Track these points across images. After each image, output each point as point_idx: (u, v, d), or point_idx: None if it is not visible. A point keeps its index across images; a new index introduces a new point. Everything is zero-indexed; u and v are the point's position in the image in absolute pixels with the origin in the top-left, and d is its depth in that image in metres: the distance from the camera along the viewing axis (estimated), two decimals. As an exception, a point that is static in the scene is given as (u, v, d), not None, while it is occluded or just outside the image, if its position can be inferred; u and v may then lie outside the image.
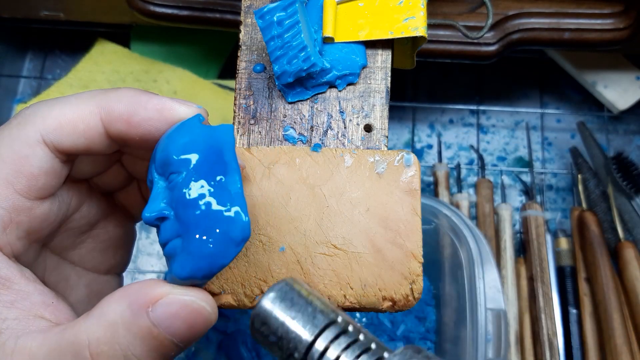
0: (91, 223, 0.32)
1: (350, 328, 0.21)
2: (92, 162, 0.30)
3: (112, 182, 0.32)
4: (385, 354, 0.21)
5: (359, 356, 0.20)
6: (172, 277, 0.25)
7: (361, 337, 0.21)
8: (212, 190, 0.25)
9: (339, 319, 0.22)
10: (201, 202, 0.24)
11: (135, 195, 0.34)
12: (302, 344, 0.21)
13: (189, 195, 0.25)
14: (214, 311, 0.26)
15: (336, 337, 0.21)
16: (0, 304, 0.25)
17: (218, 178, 0.25)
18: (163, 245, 0.26)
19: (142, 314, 0.24)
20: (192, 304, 0.25)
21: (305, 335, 0.21)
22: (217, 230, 0.24)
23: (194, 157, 0.25)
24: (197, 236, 0.24)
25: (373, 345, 0.21)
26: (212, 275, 0.25)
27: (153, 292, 0.25)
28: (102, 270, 0.33)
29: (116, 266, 0.34)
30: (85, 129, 0.27)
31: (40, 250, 0.30)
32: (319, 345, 0.21)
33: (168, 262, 0.26)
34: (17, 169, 0.26)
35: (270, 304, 0.22)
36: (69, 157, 0.28)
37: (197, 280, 0.25)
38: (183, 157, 0.25)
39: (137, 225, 0.62)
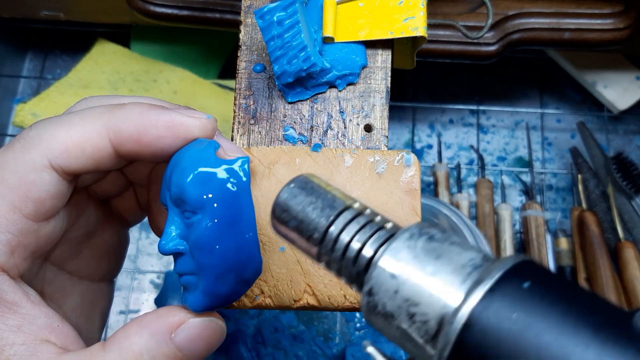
0: (89, 232, 0.32)
1: (368, 211, 0.22)
2: (101, 188, 0.30)
3: (110, 188, 0.32)
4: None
5: (372, 234, 0.21)
6: (183, 303, 0.27)
7: (377, 218, 0.22)
8: (226, 234, 0.25)
9: (356, 205, 0.22)
10: (217, 247, 0.25)
11: (131, 201, 0.34)
12: (320, 225, 0.22)
13: (204, 240, 0.25)
14: (225, 327, 0.27)
15: (353, 218, 0.22)
16: (7, 329, 0.25)
17: (233, 221, 0.25)
18: (178, 274, 0.27)
19: (166, 341, 0.25)
20: (211, 324, 0.26)
21: (324, 216, 0.22)
22: (231, 273, 0.25)
23: (209, 199, 0.25)
24: (212, 279, 0.25)
25: (388, 225, 0.22)
26: (224, 307, 0.27)
27: (173, 319, 0.26)
28: (96, 278, 0.33)
29: (109, 273, 0.34)
30: (93, 152, 0.26)
31: (42, 264, 0.30)
32: (337, 225, 0.22)
33: (183, 289, 0.27)
34: (24, 194, 0.26)
35: (290, 191, 0.23)
36: (75, 176, 0.28)
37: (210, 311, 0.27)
38: (199, 198, 0.25)
39: (137, 225, 0.62)
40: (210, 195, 0.25)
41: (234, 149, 0.28)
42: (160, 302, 0.61)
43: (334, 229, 0.22)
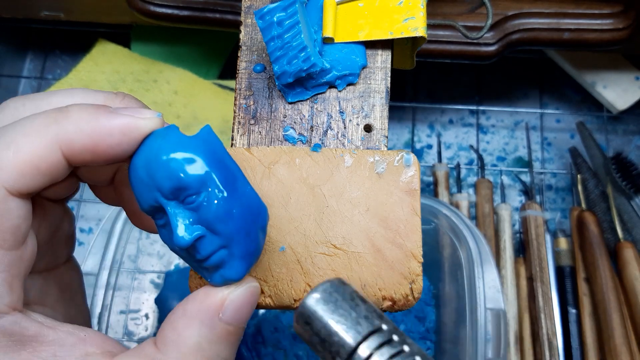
0: (53, 231, 0.31)
1: (395, 337, 0.22)
2: (57, 193, 0.29)
3: (65, 192, 0.31)
4: None
5: None
6: (216, 283, 0.27)
7: (405, 348, 0.22)
8: (234, 195, 0.26)
9: (384, 327, 0.22)
10: (235, 211, 0.25)
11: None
12: (344, 349, 0.21)
13: (222, 209, 0.25)
14: (258, 283, 0.28)
15: (380, 346, 0.21)
16: None
17: (232, 182, 0.26)
18: (205, 258, 0.27)
19: (216, 323, 0.26)
20: (249, 290, 0.27)
21: (349, 340, 0.21)
22: (254, 227, 0.26)
23: (207, 173, 0.25)
24: (242, 241, 0.26)
25: (417, 359, 0.21)
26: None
27: (216, 299, 0.26)
28: (62, 263, 0.32)
29: (69, 252, 0.33)
30: (48, 168, 0.25)
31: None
32: (362, 352, 0.21)
33: (208, 271, 0.27)
34: None
35: (314, 305, 0.22)
36: (34, 192, 0.27)
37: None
38: (197, 177, 0.25)
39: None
40: (206, 170, 0.25)
41: None
42: (160, 302, 0.61)
43: (359, 355, 0.21)
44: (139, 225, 0.32)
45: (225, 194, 0.25)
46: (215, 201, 0.25)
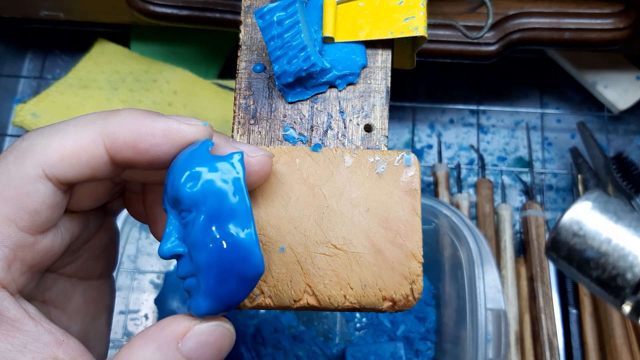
0: (89, 238, 0.31)
1: None
2: (94, 196, 0.30)
3: (108, 197, 0.32)
4: None
5: None
6: (188, 310, 0.26)
7: None
8: (222, 230, 0.24)
9: None
10: (212, 245, 0.24)
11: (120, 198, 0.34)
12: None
13: (200, 237, 0.24)
14: (233, 330, 0.27)
15: None
16: (13, 349, 0.24)
17: (228, 216, 0.25)
18: (182, 278, 0.26)
19: (173, 351, 0.25)
20: (218, 329, 0.26)
21: None
22: (230, 272, 0.24)
23: (202, 196, 0.25)
24: (210, 279, 0.25)
25: None
26: (229, 310, 0.26)
27: (178, 328, 0.25)
28: (95, 276, 0.33)
29: (107, 268, 0.34)
30: (89, 159, 0.26)
31: (41, 275, 0.29)
32: None
33: (188, 295, 0.26)
34: (18, 206, 0.25)
35: (590, 213, 0.18)
36: (70, 186, 0.27)
37: (214, 316, 0.26)
38: (192, 195, 0.25)
39: (137, 225, 0.62)
40: (201, 192, 0.25)
41: (253, 149, 0.27)
42: (160, 302, 0.61)
43: None
44: (157, 237, 0.32)
45: (210, 225, 0.24)
46: (197, 226, 0.24)
